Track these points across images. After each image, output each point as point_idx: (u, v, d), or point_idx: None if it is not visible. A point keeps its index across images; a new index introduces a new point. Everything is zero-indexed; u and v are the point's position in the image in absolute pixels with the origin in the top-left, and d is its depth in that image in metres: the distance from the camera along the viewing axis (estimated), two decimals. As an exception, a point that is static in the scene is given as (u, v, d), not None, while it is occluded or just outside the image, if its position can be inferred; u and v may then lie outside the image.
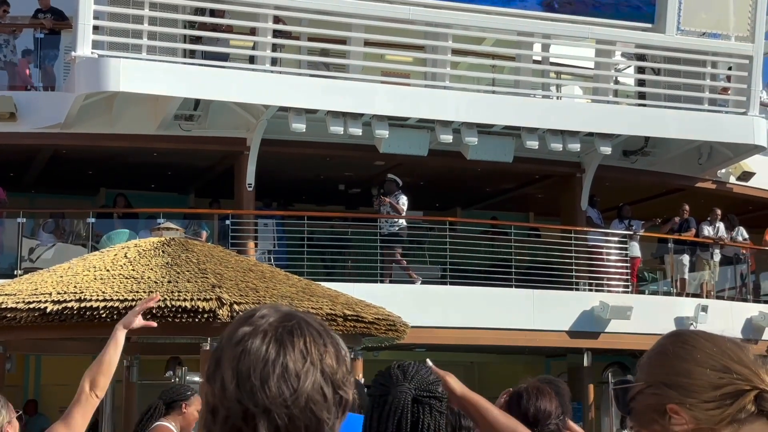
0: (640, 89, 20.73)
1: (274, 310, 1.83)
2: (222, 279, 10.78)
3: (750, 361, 1.89)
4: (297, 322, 1.81)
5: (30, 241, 18.08)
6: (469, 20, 18.82)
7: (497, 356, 21.45)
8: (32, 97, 17.89)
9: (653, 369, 1.92)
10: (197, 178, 20.80)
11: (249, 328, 1.79)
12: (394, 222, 18.36)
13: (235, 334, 1.79)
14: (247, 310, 1.85)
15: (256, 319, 1.80)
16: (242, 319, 1.83)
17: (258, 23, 17.92)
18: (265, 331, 1.78)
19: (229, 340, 1.80)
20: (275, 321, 1.80)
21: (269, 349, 1.75)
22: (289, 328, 1.79)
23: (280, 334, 1.77)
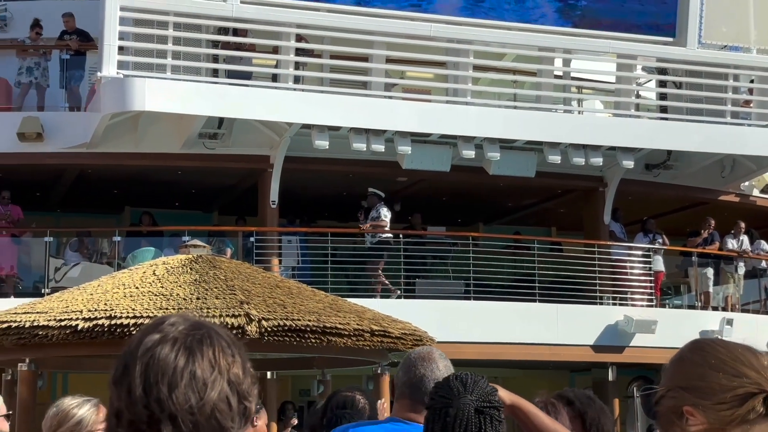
0: (662, 103, 20.75)
1: (183, 319, 1.86)
2: (250, 295, 10.87)
3: (761, 366, 2.02)
4: (206, 332, 1.84)
5: (56, 261, 18.25)
6: (489, 36, 18.92)
7: (522, 371, 21.43)
8: (58, 118, 18.09)
9: (673, 374, 2.06)
10: (221, 196, 20.94)
11: (158, 335, 1.82)
12: (375, 234, 18.43)
13: (144, 341, 1.82)
14: (156, 318, 1.88)
15: (166, 327, 1.83)
16: (151, 326, 1.86)
17: (280, 42, 18.08)
18: (175, 339, 1.81)
19: (137, 346, 1.82)
20: (185, 329, 1.83)
21: (178, 357, 1.79)
22: (199, 336, 1.82)
23: (190, 342, 1.81)
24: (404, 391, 3.55)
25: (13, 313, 10.77)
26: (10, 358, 11.22)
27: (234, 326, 10.22)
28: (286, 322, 10.43)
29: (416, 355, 3.62)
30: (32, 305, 11.04)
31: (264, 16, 17.65)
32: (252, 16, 17.66)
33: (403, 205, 21.32)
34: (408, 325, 11.92)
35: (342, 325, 10.77)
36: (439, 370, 3.53)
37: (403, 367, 3.61)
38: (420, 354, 3.61)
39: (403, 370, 3.59)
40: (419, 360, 3.57)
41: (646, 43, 19.69)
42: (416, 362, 3.56)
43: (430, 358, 3.57)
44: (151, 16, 17.11)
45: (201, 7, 17.27)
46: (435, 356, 3.59)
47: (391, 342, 11.32)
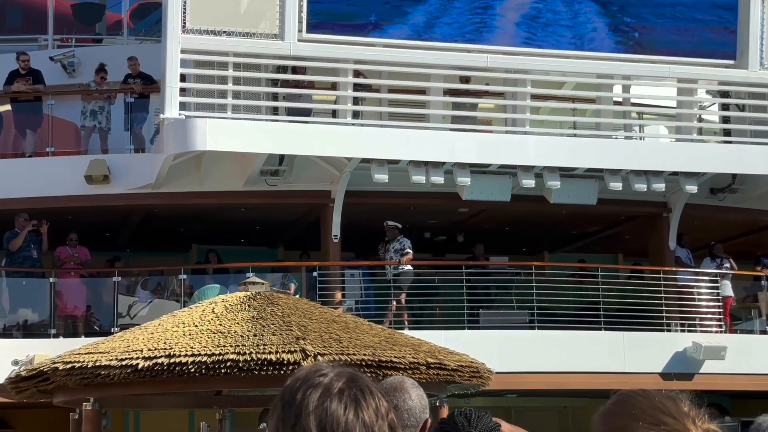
0: (725, 126, 20.52)
1: (334, 370, 1.98)
2: (306, 331, 10.99)
3: (680, 412, 2.10)
4: (364, 383, 1.98)
5: (127, 299, 18.63)
6: (547, 65, 18.93)
7: (590, 400, 21.21)
8: (124, 160, 18.53)
9: (597, 427, 2.14)
10: (285, 232, 21.19)
11: (321, 389, 1.93)
12: (396, 266, 18.41)
13: (309, 395, 1.92)
14: (305, 369, 1.99)
15: (325, 381, 1.94)
16: (306, 379, 1.96)
17: (339, 78, 18.31)
18: (341, 391, 1.93)
19: (303, 400, 1.92)
20: (345, 381, 1.95)
21: (348, 410, 1.91)
22: (360, 387, 1.95)
23: (354, 394, 1.93)
24: None
25: (77, 353, 11.04)
26: (76, 398, 11.48)
27: (290, 362, 10.35)
28: (342, 357, 10.52)
29: (388, 386, 3.51)
30: (95, 345, 11.31)
31: (321, 53, 17.92)
32: (310, 54, 17.94)
33: (466, 236, 21.37)
34: (465, 357, 11.93)
35: (397, 359, 10.83)
36: (412, 400, 3.46)
37: None
38: (392, 384, 3.51)
39: None
40: (391, 390, 3.47)
41: (706, 66, 19.51)
42: (388, 392, 3.46)
43: (402, 388, 3.49)
44: (211, 58, 17.49)
45: (259, 46, 17.59)
46: (407, 386, 3.51)
47: (447, 374, 11.34)
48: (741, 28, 19.45)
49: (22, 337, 17.65)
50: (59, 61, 21.33)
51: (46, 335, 17.54)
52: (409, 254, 18.36)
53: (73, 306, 18.26)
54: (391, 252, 18.56)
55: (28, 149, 19.03)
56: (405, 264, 18.45)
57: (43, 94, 19.22)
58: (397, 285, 18.35)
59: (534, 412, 21.41)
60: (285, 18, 17.56)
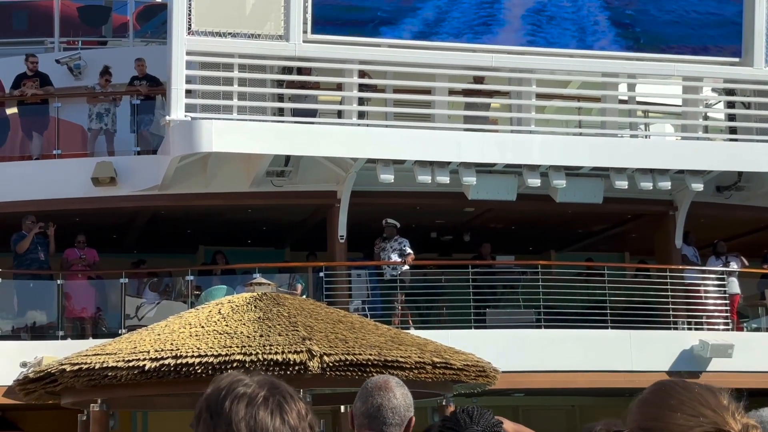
0: (731, 124, 20.51)
1: (255, 380, 2.05)
2: (312, 331, 11.03)
3: (719, 405, 2.07)
4: (283, 389, 2.06)
5: (134, 300, 18.69)
6: (552, 64, 18.94)
7: (598, 399, 21.22)
8: (130, 162, 18.58)
9: (635, 416, 2.11)
10: (291, 232, 21.22)
11: (246, 399, 2.00)
12: (395, 266, 18.40)
13: (235, 405, 1.99)
14: (225, 379, 2.05)
15: (247, 391, 2.01)
16: (228, 388, 2.03)
17: (344, 78, 18.34)
18: (266, 399, 2.01)
19: (232, 411, 1.99)
20: (267, 390, 2.03)
21: (275, 416, 1.99)
22: (282, 393, 2.04)
23: (278, 401, 2.02)
24: (363, 422, 3.46)
25: (84, 354, 11.08)
26: (84, 399, 11.53)
27: (296, 362, 10.38)
28: (348, 357, 10.56)
29: (373, 385, 3.51)
30: (102, 347, 11.36)
31: (327, 54, 17.94)
32: (315, 55, 17.97)
33: (472, 236, 21.38)
34: (471, 356, 11.96)
35: (403, 359, 10.85)
36: (396, 399, 3.45)
37: (360, 397, 3.51)
38: (377, 383, 3.50)
39: (360, 400, 3.50)
40: (376, 389, 3.47)
41: (711, 64, 19.50)
42: (373, 391, 3.46)
43: (387, 387, 3.47)
44: (216, 59, 17.52)
45: (265, 48, 17.63)
46: (392, 385, 3.50)
47: (453, 374, 11.36)
48: (746, 25, 19.43)
49: (30, 339, 17.72)
50: (65, 63, 21.40)
51: (54, 337, 17.60)
52: (411, 254, 18.37)
53: (81, 308, 18.31)
54: (389, 251, 18.53)
55: (35, 152, 19.09)
56: (409, 264, 18.48)
57: (50, 96, 19.28)
58: (402, 285, 18.37)
59: (541, 411, 21.41)
60: (290, 19, 17.59)
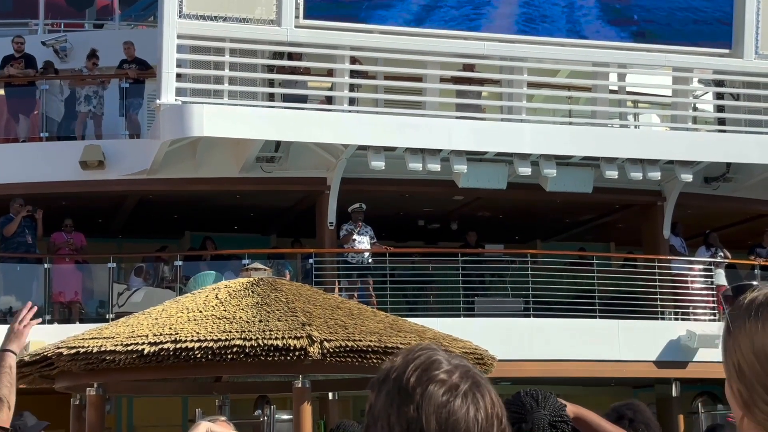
0: (720, 115, 20.58)
1: (455, 365, 1.90)
2: (311, 317, 10.96)
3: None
4: (481, 379, 1.90)
5: (119, 286, 18.54)
6: (543, 53, 18.92)
7: (584, 388, 21.28)
8: (119, 145, 18.41)
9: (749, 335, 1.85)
10: (279, 219, 21.13)
11: (444, 386, 1.84)
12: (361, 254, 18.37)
13: (432, 391, 1.84)
14: (424, 357, 1.89)
15: (448, 379, 1.86)
16: (426, 370, 1.87)
17: (335, 64, 18.25)
18: (465, 394, 1.85)
19: (428, 397, 1.83)
20: (469, 383, 1.87)
21: (469, 410, 1.84)
22: (478, 384, 1.88)
23: (474, 394, 1.86)
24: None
25: (81, 338, 10.96)
26: (79, 383, 11.41)
27: (296, 348, 10.31)
28: (348, 343, 10.49)
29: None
30: (99, 330, 11.24)
31: (318, 39, 17.84)
32: (306, 40, 17.86)
33: (459, 224, 21.36)
34: (468, 344, 11.93)
35: (403, 345, 10.79)
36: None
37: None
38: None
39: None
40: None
41: (701, 55, 19.55)
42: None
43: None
44: (207, 43, 17.38)
45: (256, 32, 17.49)
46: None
47: (452, 361, 11.32)
48: (736, 16, 19.48)
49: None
50: (51, 46, 21.18)
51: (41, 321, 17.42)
52: (346, 237, 18.33)
53: (68, 292, 18.13)
54: (366, 238, 18.38)
55: (22, 134, 18.89)
56: (388, 251, 18.46)
57: (36, 78, 19.07)
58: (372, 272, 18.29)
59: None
60: (282, 4, 17.47)
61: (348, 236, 18.24)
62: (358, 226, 18.27)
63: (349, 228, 18.34)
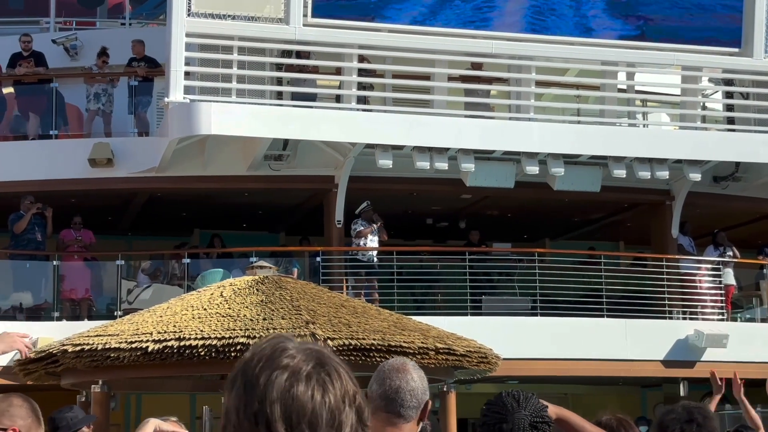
0: (729, 114, 20.52)
1: (301, 350, 1.84)
2: (315, 315, 11.00)
3: None
4: (332, 365, 1.84)
5: (127, 283, 18.62)
6: (552, 52, 18.90)
7: (592, 387, 21.27)
8: (128, 143, 18.48)
9: None
10: (287, 217, 21.17)
11: (287, 372, 1.80)
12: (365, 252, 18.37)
13: (275, 379, 1.80)
14: (270, 345, 1.85)
15: (292, 363, 1.81)
16: (271, 358, 1.82)
17: (343, 63, 18.27)
18: (309, 376, 1.80)
19: (271, 385, 1.79)
20: (312, 364, 1.82)
21: (315, 396, 1.79)
22: (327, 370, 1.82)
23: (322, 379, 1.81)
24: (379, 405, 3.35)
25: (86, 335, 11.02)
26: (84, 380, 11.48)
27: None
28: (351, 341, 10.53)
29: (390, 366, 3.41)
30: (104, 328, 11.30)
31: (326, 38, 17.86)
32: (315, 39, 17.89)
33: (468, 223, 21.37)
34: (473, 342, 11.95)
35: (406, 344, 10.83)
36: (414, 381, 3.36)
37: (377, 379, 3.41)
38: (394, 365, 3.42)
39: (377, 382, 3.40)
40: (393, 371, 3.38)
41: (711, 54, 19.49)
42: (390, 373, 3.37)
43: (405, 369, 3.39)
44: (215, 42, 17.42)
45: (264, 30, 17.53)
46: (409, 367, 3.42)
47: (456, 360, 11.35)
48: (746, 15, 19.42)
49: (24, 319, 17.63)
50: (62, 44, 21.26)
51: (49, 318, 17.54)
52: (361, 232, 18.32)
53: (77, 289, 18.22)
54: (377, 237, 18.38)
55: (32, 132, 18.97)
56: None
57: (46, 76, 19.15)
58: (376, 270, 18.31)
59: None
60: (290, 2, 17.50)
61: (365, 231, 18.25)
62: (371, 224, 18.26)
63: (363, 223, 18.36)
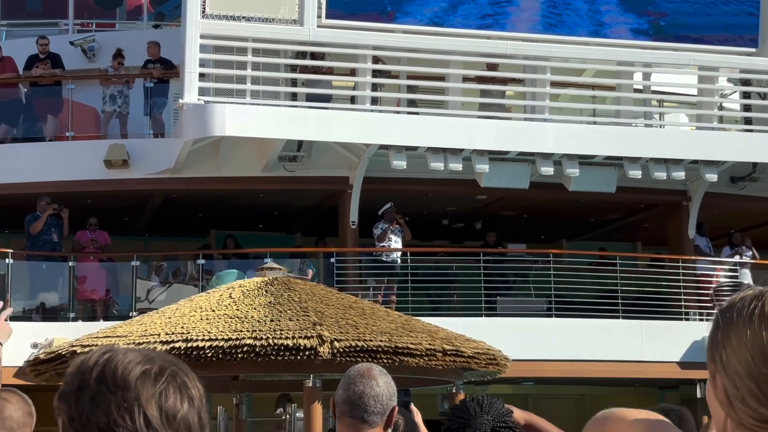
0: (746, 114, 20.39)
1: (137, 354, 1.84)
2: (323, 317, 11.02)
3: None
4: (181, 366, 1.85)
5: (146, 283, 18.72)
6: (567, 52, 18.84)
7: (608, 389, 21.19)
8: (143, 145, 18.57)
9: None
10: (303, 218, 21.21)
11: (149, 374, 1.79)
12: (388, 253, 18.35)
13: (139, 382, 1.78)
14: (93, 355, 1.84)
15: (149, 366, 1.81)
16: (132, 363, 1.80)
17: (357, 64, 18.29)
18: (173, 376, 1.80)
19: (135, 387, 1.77)
20: (166, 367, 1.82)
21: (183, 400, 1.78)
22: (184, 372, 1.82)
23: (183, 380, 1.81)
24: (344, 410, 3.38)
25: (95, 337, 11.09)
26: (94, 381, 11.51)
27: (306, 347, 10.37)
28: (358, 343, 10.55)
29: (355, 372, 3.43)
30: (113, 329, 11.37)
31: (341, 39, 17.90)
32: (329, 40, 17.92)
33: (484, 224, 21.34)
34: (481, 344, 11.93)
35: (414, 345, 10.84)
36: (379, 387, 3.37)
37: (342, 384, 3.43)
38: (359, 370, 3.43)
39: (342, 387, 3.41)
40: (358, 376, 3.39)
41: (727, 54, 19.37)
42: (355, 379, 3.38)
43: (370, 375, 3.40)
44: (230, 43, 17.49)
45: (278, 32, 17.58)
46: (375, 373, 3.43)
47: (464, 361, 11.34)
48: (764, 15, 19.29)
49: (41, 320, 17.76)
50: (79, 45, 21.39)
51: (65, 318, 17.65)
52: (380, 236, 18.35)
53: (93, 290, 18.34)
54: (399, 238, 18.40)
55: (49, 133, 19.10)
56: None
57: (62, 78, 19.28)
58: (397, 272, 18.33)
59: (551, 400, 21.38)
60: (305, 4, 17.54)
61: (383, 234, 18.27)
62: (393, 225, 18.27)
63: (383, 227, 18.39)
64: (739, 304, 1.83)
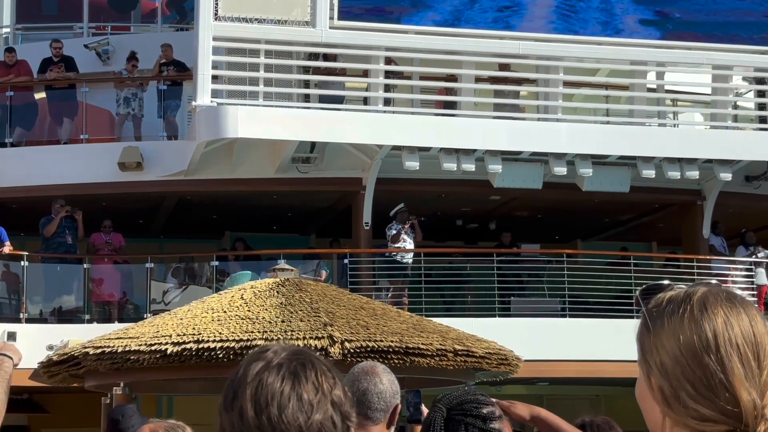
0: (761, 113, 20.29)
1: (283, 348, 2.00)
2: (334, 317, 11.03)
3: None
4: (307, 357, 1.97)
5: (161, 285, 18.78)
6: (580, 52, 18.80)
7: (624, 389, 21.10)
8: (157, 147, 18.63)
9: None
10: (317, 219, 21.24)
11: (263, 363, 1.94)
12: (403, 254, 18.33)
13: (250, 369, 1.94)
14: (259, 347, 2.00)
15: (269, 355, 1.96)
16: (255, 354, 1.98)
17: (370, 65, 18.30)
18: (280, 365, 1.93)
19: (245, 373, 1.94)
20: (287, 356, 1.96)
21: (285, 382, 1.90)
22: (301, 362, 1.95)
23: (294, 367, 1.93)
24: None
25: (107, 338, 11.15)
26: (106, 383, 11.60)
27: (317, 348, 10.38)
28: (369, 344, 10.55)
29: (359, 370, 3.47)
30: (125, 331, 11.42)
31: (353, 40, 17.92)
32: (341, 41, 17.95)
33: (497, 224, 21.31)
34: (493, 344, 11.92)
35: (425, 346, 10.84)
36: (383, 384, 3.40)
37: (346, 382, 3.47)
38: (363, 368, 3.47)
39: (346, 385, 3.49)
40: (362, 374, 3.43)
41: (741, 52, 19.29)
42: (359, 376, 3.42)
43: (374, 372, 3.43)
44: (242, 45, 17.54)
45: (291, 33, 17.62)
46: (378, 370, 3.46)
47: (475, 361, 11.33)
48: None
49: (56, 322, 17.85)
50: (94, 48, 21.48)
51: (80, 320, 17.74)
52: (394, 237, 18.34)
53: (107, 292, 18.42)
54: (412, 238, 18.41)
55: (64, 136, 19.20)
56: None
57: (76, 81, 19.37)
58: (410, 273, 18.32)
59: (566, 401, 21.32)
60: (317, 5, 17.57)
61: (398, 235, 18.28)
62: (405, 226, 18.27)
63: (397, 227, 18.40)
64: (668, 307, 1.85)
